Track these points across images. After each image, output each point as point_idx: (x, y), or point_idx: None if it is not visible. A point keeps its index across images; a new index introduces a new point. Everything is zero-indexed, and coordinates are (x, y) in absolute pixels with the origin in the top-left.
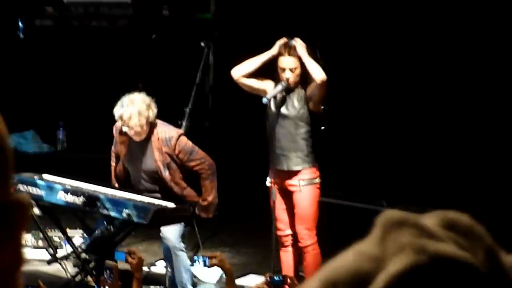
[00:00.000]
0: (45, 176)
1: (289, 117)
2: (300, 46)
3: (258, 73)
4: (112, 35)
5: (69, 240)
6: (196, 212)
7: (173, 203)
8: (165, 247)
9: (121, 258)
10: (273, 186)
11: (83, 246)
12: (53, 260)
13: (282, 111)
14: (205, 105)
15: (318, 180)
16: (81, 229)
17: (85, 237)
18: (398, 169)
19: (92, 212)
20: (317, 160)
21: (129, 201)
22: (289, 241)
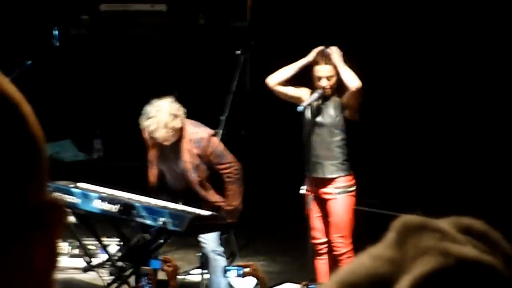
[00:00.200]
0: (81, 184)
1: (325, 125)
2: (335, 54)
3: (293, 81)
4: (148, 44)
5: (105, 248)
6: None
7: (209, 211)
8: (203, 251)
9: (156, 266)
10: (309, 194)
11: (119, 254)
12: (89, 268)
13: (317, 119)
14: (241, 113)
15: (353, 188)
16: (116, 237)
17: (120, 245)
18: (433, 178)
19: (127, 220)
20: (353, 168)
21: (165, 209)
22: (325, 250)
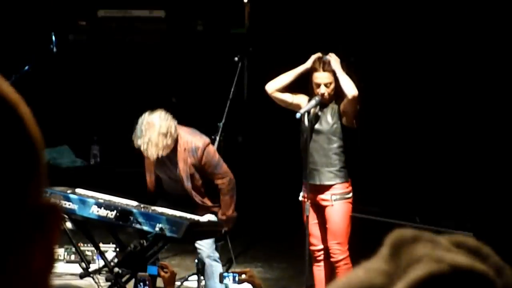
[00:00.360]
0: (78, 190)
1: (322, 132)
2: (334, 61)
3: (292, 88)
4: (146, 50)
5: (102, 254)
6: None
7: (206, 217)
8: (199, 257)
9: (153, 272)
10: (306, 201)
11: (116, 260)
12: (85, 274)
13: (315, 126)
14: (239, 119)
15: (350, 195)
16: (113, 243)
17: (117, 251)
18: (431, 186)
19: (125, 226)
20: (350, 175)
21: (162, 215)
22: (322, 256)
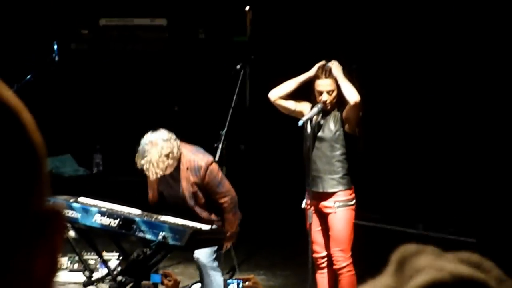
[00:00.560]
0: (81, 199)
1: (325, 139)
2: (336, 68)
3: (295, 95)
4: (147, 58)
5: (105, 263)
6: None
7: (209, 225)
8: (198, 266)
9: (157, 280)
10: (309, 208)
11: (119, 268)
12: (89, 282)
13: (318, 134)
14: (241, 127)
15: (353, 202)
16: (116, 252)
17: (120, 259)
18: (434, 193)
19: (127, 234)
20: (355, 182)
21: (165, 223)
22: (325, 263)
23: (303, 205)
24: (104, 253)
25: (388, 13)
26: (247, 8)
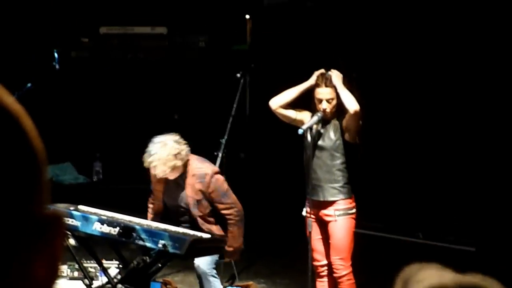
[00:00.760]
0: (81, 207)
1: (325, 148)
2: (335, 76)
3: (295, 104)
4: (148, 66)
5: (105, 271)
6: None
7: (209, 234)
8: (198, 274)
9: None
10: (309, 216)
11: (119, 276)
12: None
13: (318, 142)
14: (241, 136)
15: (353, 211)
16: (116, 260)
17: (120, 267)
18: (434, 201)
19: (127, 242)
20: (357, 191)
21: (165, 231)
22: (325, 272)
23: (304, 213)
24: (104, 261)
25: (388, 22)
26: (247, 16)
